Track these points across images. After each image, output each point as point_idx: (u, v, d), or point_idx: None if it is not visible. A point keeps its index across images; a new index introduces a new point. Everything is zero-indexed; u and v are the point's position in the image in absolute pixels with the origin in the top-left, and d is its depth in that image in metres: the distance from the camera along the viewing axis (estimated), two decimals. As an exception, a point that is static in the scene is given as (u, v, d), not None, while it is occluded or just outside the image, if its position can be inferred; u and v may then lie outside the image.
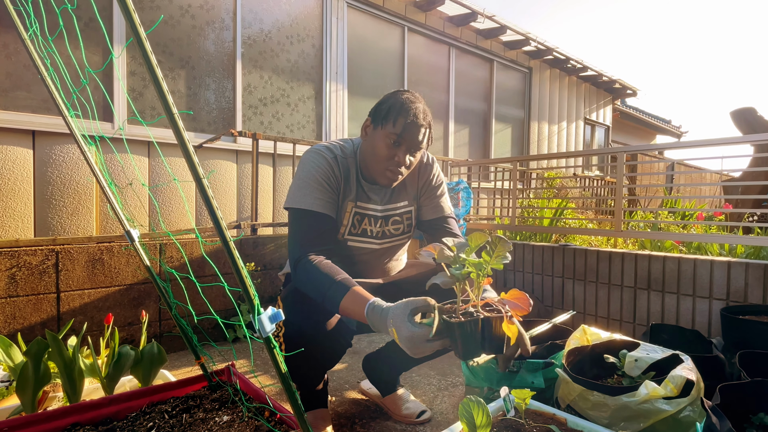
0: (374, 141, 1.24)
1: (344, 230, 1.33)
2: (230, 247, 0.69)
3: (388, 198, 1.37)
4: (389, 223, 1.38)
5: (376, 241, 1.37)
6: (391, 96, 1.26)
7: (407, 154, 1.24)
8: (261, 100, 3.18)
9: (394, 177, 1.25)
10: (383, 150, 1.22)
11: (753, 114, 3.91)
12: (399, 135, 1.20)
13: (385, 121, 1.22)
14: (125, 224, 1.28)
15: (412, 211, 1.41)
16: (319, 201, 1.21)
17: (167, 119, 0.62)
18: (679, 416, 1.17)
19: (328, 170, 1.24)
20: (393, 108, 1.22)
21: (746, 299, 2.00)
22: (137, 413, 1.26)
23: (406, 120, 1.20)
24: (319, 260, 1.12)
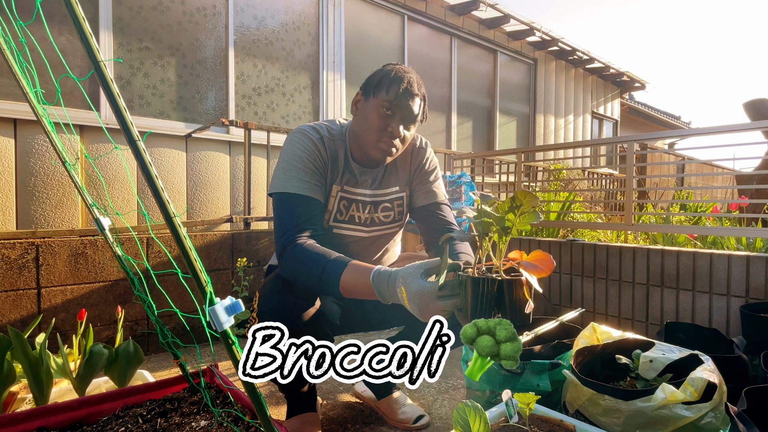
0: (366, 112, 1.17)
1: (329, 216, 1.24)
2: (174, 224, 0.59)
3: (378, 183, 1.28)
4: (379, 209, 1.29)
5: (364, 229, 1.27)
6: (383, 68, 1.19)
7: (401, 124, 1.16)
8: (255, 90, 3.08)
9: (388, 149, 1.16)
10: (376, 120, 1.14)
11: (766, 105, 3.79)
12: (392, 102, 1.13)
13: (377, 89, 1.15)
14: (94, 211, 1.19)
15: (403, 198, 1.32)
16: (305, 184, 1.13)
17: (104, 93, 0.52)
18: (701, 423, 1.06)
19: (314, 151, 1.16)
20: (386, 77, 1.15)
21: (767, 296, 1.88)
22: (109, 417, 1.17)
23: (399, 87, 1.13)
24: (309, 243, 1.04)
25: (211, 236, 2.19)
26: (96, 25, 2.47)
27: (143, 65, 2.64)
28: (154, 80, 2.67)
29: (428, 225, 1.30)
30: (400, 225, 1.34)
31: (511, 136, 5.39)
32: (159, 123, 2.66)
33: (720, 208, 3.32)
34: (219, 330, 0.62)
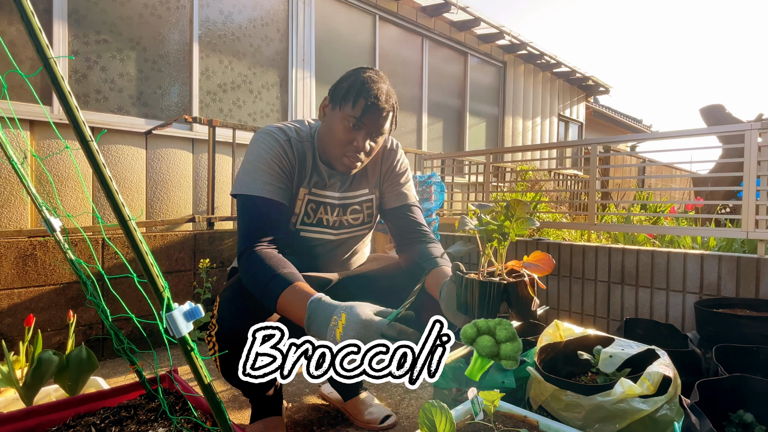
0: (332, 123, 1.12)
1: (296, 220, 1.20)
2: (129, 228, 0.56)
3: (347, 185, 1.25)
4: (347, 212, 1.26)
5: (332, 232, 1.25)
6: (353, 73, 1.13)
7: (367, 139, 1.12)
8: (220, 86, 3.00)
9: (352, 164, 1.13)
10: (341, 133, 1.10)
11: (722, 111, 3.99)
12: (358, 118, 1.08)
13: (344, 101, 1.09)
14: (44, 212, 1.12)
15: (372, 200, 1.29)
16: (269, 186, 1.08)
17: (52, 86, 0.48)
18: (656, 416, 1.09)
19: (280, 153, 1.12)
20: (353, 87, 1.09)
21: (719, 292, 1.97)
22: (59, 427, 1.11)
23: (366, 101, 1.07)
24: (266, 252, 1.00)
25: (172, 236, 2.11)
26: (50, 16, 2.34)
27: (101, 59, 2.53)
28: (112, 74, 2.56)
29: (399, 226, 1.28)
30: (370, 227, 1.32)
31: (481, 137, 5.47)
32: (117, 119, 2.55)
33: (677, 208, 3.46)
34: (177, 336, 0.59)
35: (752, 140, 1.93)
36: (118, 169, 2.49)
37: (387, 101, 1.10)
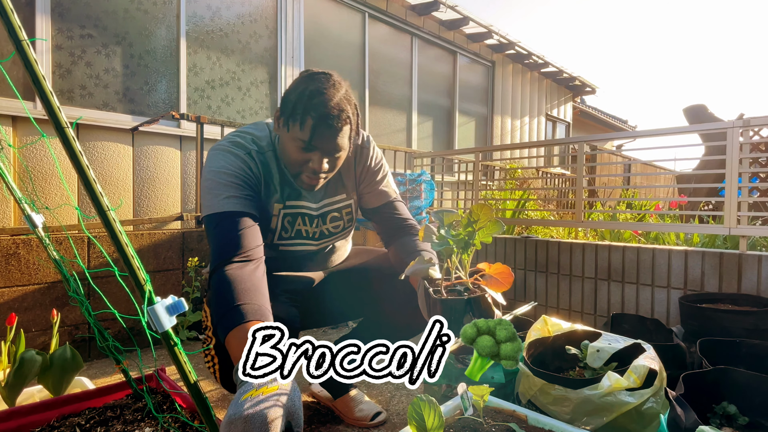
0: (284, 141, 1.03)
1: (272, 236, 1.14)
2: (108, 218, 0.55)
3: (322, 193, 1.19)
4: (327, 221, 1.21)
5: (313, 242, 1.21)
6: (300, 82, 1.00)
7: (324, 158, 1.02)
8: (208, 83, 2.96)
9: (313, 182, 1.06)
10: (295, 154, 1.01)
11: (704, 110, 4.07)
12: (308, 141, 0.98)
13: (291, 120, 0.98)
14: (24, 207, 1.10)
15: (351, 204, 1.24)
16: (233, 199, 0.99)
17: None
18: (642, 408, 1.11)
19: (241, 166, 1.03)
20: (299, 103, 0.97)
21: (703, 288, 2.00)
22: (43, 428, 1.09)
23: (315, 121, 0.96)
24: (235, 274, 0.88)
25: (159, 235, 2.08)
26: (32, 9, 2.29)
27: (85, 53, 2.48)
28: (97, 70, 2.52)
29: (384, 224, 1.26)
30: (351, 230, 1.30)
31: (470, 136, 5.49)
32: (103, 115, 2.51)
33: (662, 206, 3.52)
34: (159, 331, 0.58)
35: (734, 138, 1.96)
36: (104, 167, 2.45)
37: (339, 116, 0.98)
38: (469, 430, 0.99)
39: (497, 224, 0.81)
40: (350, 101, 1.02)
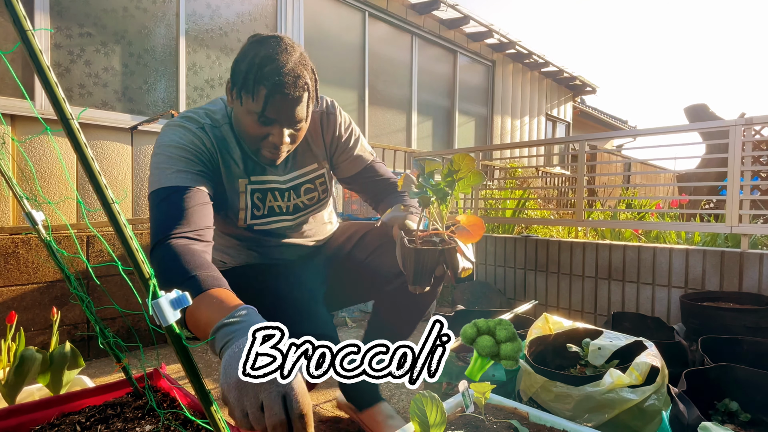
0: (238, 113, 0.95)
1: (244, 215, 1.07)
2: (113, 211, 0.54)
3: (290, 164, 1.10)
4: (301, 193, 1.13)
5: (289, 218, 1.14)
6: (249, 49, 0.92)
7: (283, 129, 0.94)
8: (208, 82, 2.96)
9: (275, 156, 0.98)
10: (252, 129, 0.94)
11: (705, 110, 4.07)
12: (261, 113, 0.90)
13: (244, 92, 0.90)
14: (25, 204, 1.09)
15: (324, 174, 1.16)
16: (182, 174, 0.90)
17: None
18: (644, 405, 1.11)
19: (192, 140, 0.95)
20: (249, 73, 0.88)
21: (704, 286, 2.00)
22: (43, 426, 1.08)
23: (268, 91, 0.88)
24: (182, 245, 0.80)
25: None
26: (31, 7, 2.29)
27: (84, 52, 2.48)
28: (96, 68, 2.51)
29: (366, 188, 1.20)
30: (327, 199, 1.22)
31: (470, 136, 5.49)
32: (102, 114, 2.50)
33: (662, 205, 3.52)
34: (164, 325, 0.58)
35: (736, 136, 1.96)
36: (103, 166, 2.45)
37: (296, 83, 0.89)
38: (471, 428, 0.99)
39: (478, 175, 0.79)
40: (306, 65, 0.94)
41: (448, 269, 0.83)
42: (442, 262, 0.82)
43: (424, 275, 0.82)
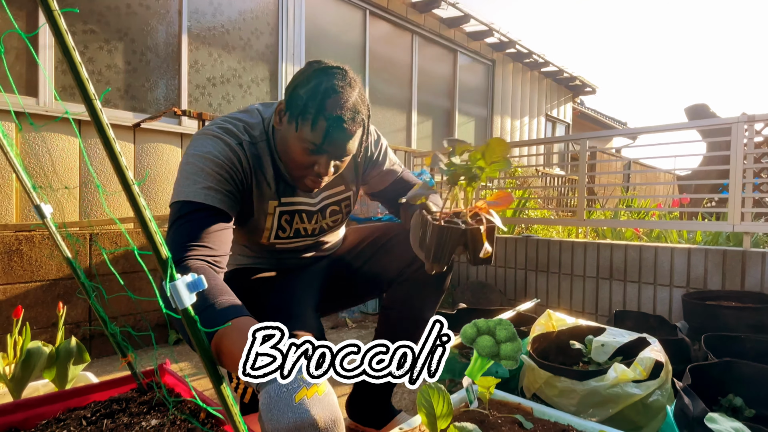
0: (288, 139, 0.92)
1: (269, 234, 1.06)
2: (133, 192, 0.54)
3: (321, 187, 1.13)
4: (327, 215, 1.13)
5: (311, 238, 1.16)
6: (312, 76, 0.90)
7: (331, 161, 0.94)
8: (210, 80, 2.96)
9: (315, 185, 0.97)
10: (299, 155, 0.92)
11: (706, 110, 4.08)
12: (319, 145, 0.89)
13: (301, 119, 0.88)
14: (33, 197, 1.09)
15: (350, 197, 1.17)
16: (212, 192, 0.88)
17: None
18: (649, 400, 1.11)
19: (230, 156, 0.92)
20: (311, 102, 0.87)
21: (706, 285, 2.01)
22: (49, 420, 1.09)
23: (328, 124, 0.87)
24: (197, 269, 0.78)
25: (163, 233, 2.08)
26: (34, 4, 2.29)
27: (87, 50, 2.48)
28: (99, 66, 2.51)
29: (393, 198, 1.20)
30: (347, 218, 1.23)
31: (470, 136, 5.50)
32: (105, 112, 2.50)
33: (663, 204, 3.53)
34: (180, 308, 0.58)
35: (739, 133, 1.97)
36: (106, 163, 2.45)
37: (354, 119, 0.89)
38: (476, 423, 0.99)
39: (507, 162, 0.79)
40: (364, 101, 0.94)
41: (468, 250, 0.82)
42: (463, 242, 0.81)
43: (444, 253, 0.81)
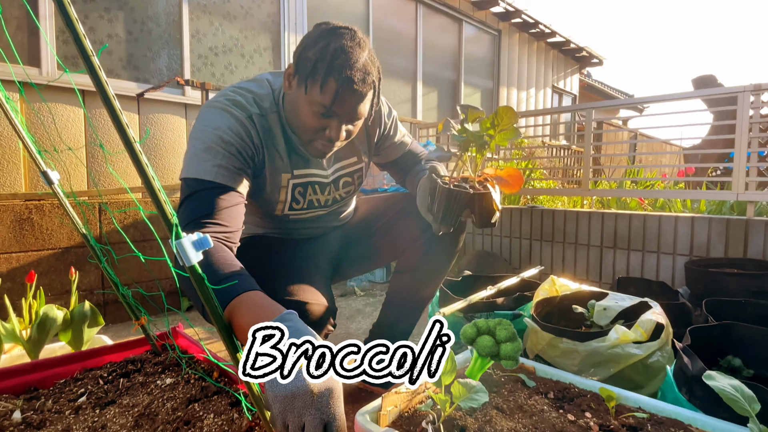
0: (298, 103, 0.91)
1: (283, 206, 1.07)
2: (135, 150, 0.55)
3: (333, 158, 1.09)
4: (339, 186, 1.13)
5: (324, 209, 1.16)
6: (320, 37, 0.87)
7: (342, 126, 0.92)
8: (212, 49, 2.92)
9: (326, 149, 0.96)
10: (309, 119, 0.90)
11: (713, 81, 4.01)
12: (329, 107, 0.87)
13: (310, 80, 0.86)
14: (40, 163, 1.11)
15: (362, 168, 1.17)
16: (222, 170, 0.87)
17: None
18: (648, 361, 1.14)
19: (239, 131, 0.90)
20: (321, 62, 0.85)
21: (708, 253, 2.02)
22: (67, 380, 1.13)
23: (339, 84, 0.85)
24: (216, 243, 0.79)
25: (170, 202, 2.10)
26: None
27: (88, 19, 2.44)
28: (100, 36, 2.48)
29: (402, 169, 1.23)
30: (358, 190, 1.24)
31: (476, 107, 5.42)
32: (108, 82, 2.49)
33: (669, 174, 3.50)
34: (187, 265, 0.60)
35: (745, 102, 1.94)
36: (110, 134, 2.45)
37: (365, 80, 0.87)
38: (480, 381, 1.02)
39: (516, 131, 0.81)
40: (374, 63, 0.91)
41: (474, 214, 0.83)
42: (470, 205, 0.83)
43: (451, 215, 0.83)
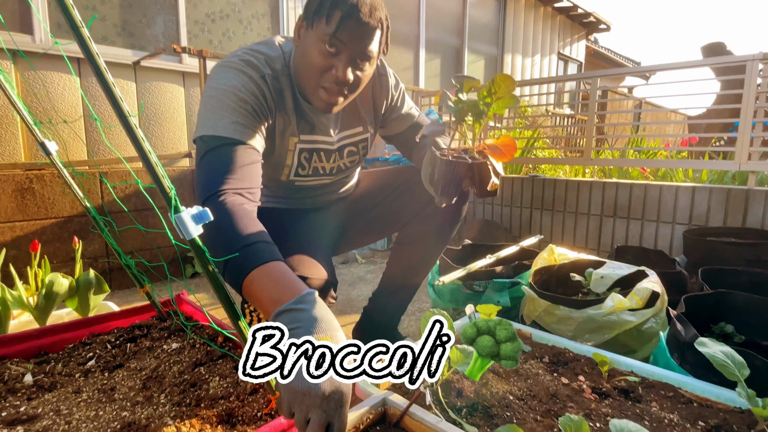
0: (306, 46, 0.89)
1: (288, 171, 1.06)
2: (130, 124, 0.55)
3: (339, 125, 1.08)
4: (344, 155, 1.12)
5: (329, 177, 1.16)
6: None
7: (349, 65, 0.89)
8: (208, 15, 2.85)
9: (332, 98, 0.92)
10: (316, 58, 0.88)
11: (723, 48, 3.91)
12: (333, 36, 0.85)
13: (316, 16, 0.85)
14: (37, 134, 1.10)
15: (368, 138, 1.16)
16: (240, 127, 0.86)
17: None
18: (643, 328, 1.16)
19: (254, 90, 0.89)
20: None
21: (707, 223, 2.02)
22: (75, 345, 1.16)
23: (343, 13, 0.84)
24: (237, 204, 0.77)
25: (169, 172, 2.10)
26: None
27: (80, -17, 2.38)
28: (93, 1, 2.42)
29: (408, 143, 1.21)
30: (362, 161, 1.24)
31: (479, 75, 5.32)
32: (102, 49, 2.43)
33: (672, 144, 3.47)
34: (187, 238, 0.60)
35: (753, 71, 1.90)
36: (107, 103, 2.42)
37: (372, 14, 0.87)
38: (477, 346, 1.05)
39: (514, 98, 0.80)
40: (382, 6, 0.91)
41: (474, 184, 0.84)
42: (470, 176, 0.83)
43: (452, 186, 0.83)
